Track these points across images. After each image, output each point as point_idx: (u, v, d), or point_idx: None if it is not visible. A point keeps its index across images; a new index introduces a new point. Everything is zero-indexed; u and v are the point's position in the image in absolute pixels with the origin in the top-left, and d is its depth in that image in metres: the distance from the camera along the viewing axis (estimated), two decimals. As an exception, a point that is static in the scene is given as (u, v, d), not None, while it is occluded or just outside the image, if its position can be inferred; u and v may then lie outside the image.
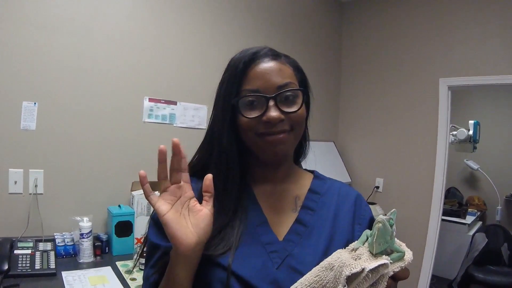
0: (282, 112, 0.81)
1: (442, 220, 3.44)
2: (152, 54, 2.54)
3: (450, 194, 5.58)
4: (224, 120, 0.83)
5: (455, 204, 5.27)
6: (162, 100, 2.59)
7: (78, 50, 2.22)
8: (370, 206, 3.57)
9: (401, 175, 3.56)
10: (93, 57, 2.28)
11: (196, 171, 0.90)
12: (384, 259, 0.62)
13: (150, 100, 2.53)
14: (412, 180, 3.48)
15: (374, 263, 0.61)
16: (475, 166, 5.27)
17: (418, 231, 3.35)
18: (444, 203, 3.54)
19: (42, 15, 2.09)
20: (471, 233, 4.71)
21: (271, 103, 0.80)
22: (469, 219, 4.98)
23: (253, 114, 0.81)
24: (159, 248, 0.82)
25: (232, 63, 0.85)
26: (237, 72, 0.82)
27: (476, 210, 5.31)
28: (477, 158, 5.23)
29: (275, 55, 0.86)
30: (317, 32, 3.78)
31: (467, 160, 5.31)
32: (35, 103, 2.09)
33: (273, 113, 0.79)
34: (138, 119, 2.50)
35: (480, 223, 5.28)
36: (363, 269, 0.59)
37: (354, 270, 0.59)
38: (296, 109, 0.82)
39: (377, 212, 3.30)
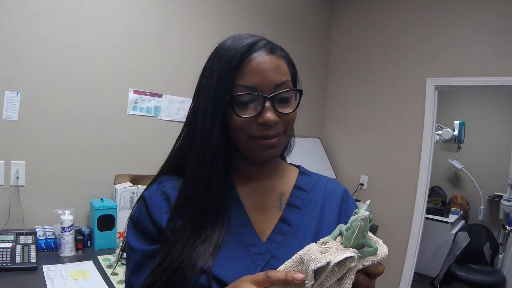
0: (277, 113, 0.77)
1: (426, 218, 3.48)
2: (138, 45, 2.50)
3: (434, 192, 5.66)
4: (215, 116, 0.76)
5: (438, 203, 5.35)
6: (147, 92, 2.55)
7: (62, 40, 2.18)
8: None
9: (385, 172, 3.58)
10: (77, 47, 2.24)
11: (173, 167, 0.87)
12: (350, 252, 0.62)
13: (135, 92, 2.49)
14: (396, 178, 3.50)
15: (340, 256, 0.60)
16: (459, 165, 5.35)
17: (401, 228, 3.37)
18: (428, 202, 3.57)
19: (26, 3, 2.04)
20: (454, 231, 4.78)
21: (268, 103, 0.75)
22: (452, 218, 5.07)
23: (248, 114, 0.76)
24: (137, 251, 0.80)
25: (224, 52, 0.78)
26: (233, 64, 0.75)
27: (459, 209, 5.40)
28: (461, 158, 5.31)
29: (272, 49, 0.80)
30: (305, 29, 3.77)
31: (451, 160, 5.38)
32: (17, 93, 2.05)
33: (270, 115, 0.75)
34: (122, 111, 2.46)
35: (462, 222, 5.38)
36: (328, 263, 0.59)
37: (319, 264, 0.59)
38: (291, 111, 0.79)
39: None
